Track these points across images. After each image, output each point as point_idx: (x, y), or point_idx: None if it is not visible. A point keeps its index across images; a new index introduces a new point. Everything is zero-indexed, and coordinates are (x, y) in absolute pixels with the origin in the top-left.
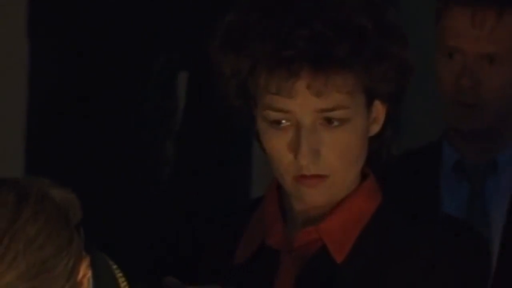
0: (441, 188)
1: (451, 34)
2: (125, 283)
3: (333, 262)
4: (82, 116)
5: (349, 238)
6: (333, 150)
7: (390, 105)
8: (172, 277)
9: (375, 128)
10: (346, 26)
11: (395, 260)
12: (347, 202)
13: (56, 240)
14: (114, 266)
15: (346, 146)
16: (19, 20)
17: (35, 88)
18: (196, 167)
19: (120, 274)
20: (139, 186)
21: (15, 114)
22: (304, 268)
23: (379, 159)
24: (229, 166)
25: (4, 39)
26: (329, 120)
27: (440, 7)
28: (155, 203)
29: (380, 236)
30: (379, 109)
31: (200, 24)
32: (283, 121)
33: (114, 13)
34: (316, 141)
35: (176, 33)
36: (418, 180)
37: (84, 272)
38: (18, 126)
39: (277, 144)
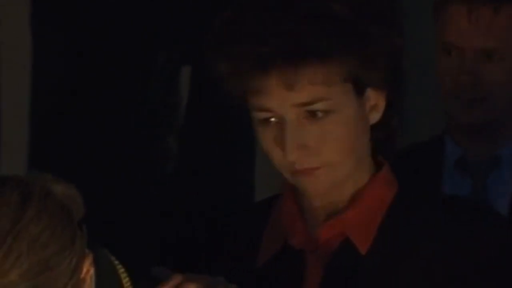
0: (444, 184)
1: (448, 31)
2: (127, 279)
3: (358, 254)
4: (83, 115)
5: (372, 227)
6: (323, 142)
7: (389, 92)
8: (161, 267)
9: (375, 116)
10: (320, 17)
11: (414, 250)
12: (365, 192)
13: (60, 238)
14: (116, 262)
15: (336, 137)
16: (21, 20)
17: (36, 87)
18: (198, 166)
19: (122, 270)
20: (139, 186)
21: (16, 114)
22: (330, 264)
23: (386, 149)
24: (231, 165)
25: (5, 39)
26: (313, 113)
27: (438, 5)
28: (155, 203)
29: (401, 224)
30: (376, 97)
31: (200, 23)
32: (272, 119)
33: (114, 13)
34: (302, 135)
35: (177, 32)
36: (420, 176)
37: (87, 269)
38: (19, 126)
39: (267, 141)
